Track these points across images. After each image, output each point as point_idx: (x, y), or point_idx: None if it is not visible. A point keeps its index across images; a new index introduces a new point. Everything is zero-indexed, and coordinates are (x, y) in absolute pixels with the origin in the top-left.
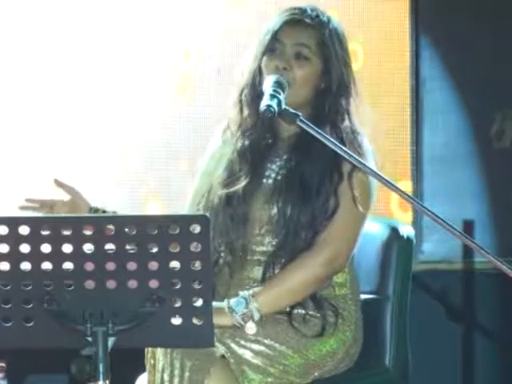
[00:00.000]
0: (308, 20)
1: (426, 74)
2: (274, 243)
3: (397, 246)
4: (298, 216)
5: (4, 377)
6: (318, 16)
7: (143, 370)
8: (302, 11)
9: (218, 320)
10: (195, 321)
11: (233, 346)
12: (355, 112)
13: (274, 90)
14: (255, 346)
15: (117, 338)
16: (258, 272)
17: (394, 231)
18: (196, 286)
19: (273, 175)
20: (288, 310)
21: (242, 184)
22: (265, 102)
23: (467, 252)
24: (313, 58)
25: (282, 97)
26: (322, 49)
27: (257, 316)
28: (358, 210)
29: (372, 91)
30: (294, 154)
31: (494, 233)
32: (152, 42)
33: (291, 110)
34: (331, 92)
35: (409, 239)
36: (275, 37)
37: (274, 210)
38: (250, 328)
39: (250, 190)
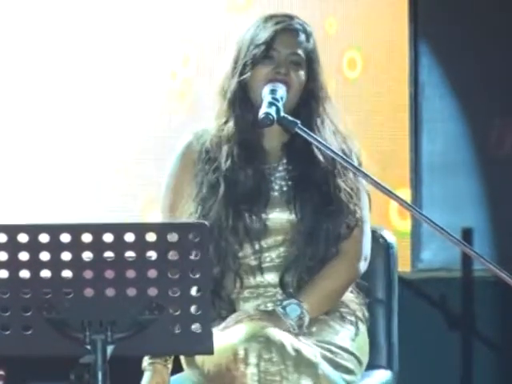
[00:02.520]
0: (298, 27)
1: (424, 81)
2: (291, 250)
3: (382, 251)
4: (317, 222)
5: None
6: (303, 24)
7: (141, 377)
8: (291, 18)
9: (275, 324)
10: (194, 328)
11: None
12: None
13: (273, 98)
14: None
15: (116, 346)
16: (273, 278)
17: (375, 235)
18: (195, 293)
19: (277, 187)
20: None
21: (247, 189)
22: (263, 109)
23: (466, 260)
24: (303, 65)
25: (280, 104)
26: (309, 56)
27: (307, 322)
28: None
29: (370, 98)
30: (290, 162)
31: (493, 241)
32: (151, 48)
33: (290, 118)
34: (316, 98)
35: (391, 243)
36: (270, 46)
37: (293, 218)
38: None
39: (261, 199)
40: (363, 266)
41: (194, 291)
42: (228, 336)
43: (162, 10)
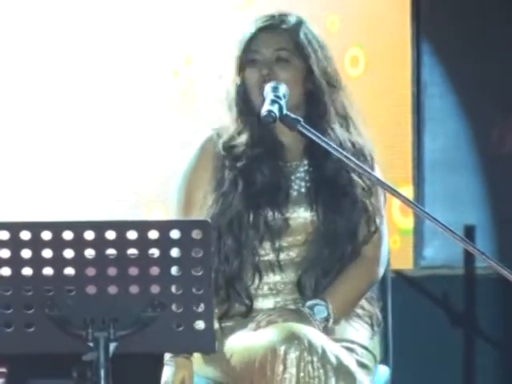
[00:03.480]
0: (280, 24)
1: (426, 79)
2: (311, 250)
3: None
4: (338, 220)
5: (5, 382)
6: (288, 19)
7: (144, 374)
8: (271, 17)
9: (301, 323)
10: (197, 326)
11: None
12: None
13: (275, 96)
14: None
15: (118, 344)
16: (291, 275)
17: None
18: (197, 291)
19: (296, 187)
20: None
21: (267, 188)
22: (266, 107)
23: (468, 257)
24: (293, 59)
25: (282, 102)
26: (300, 49)
27: (331, 323)
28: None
29: (373, 97)
30: (311, 164)
31: (495, 238)
32: (153, 46)
33: (292, 116)
34: (319, 91)
35: None
36: (250, 48)
37: (314, 218)
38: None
39: (281, 198)
40: (381, 270)
41: (197, 290)
42: (264, 335)
43: (165, 9)
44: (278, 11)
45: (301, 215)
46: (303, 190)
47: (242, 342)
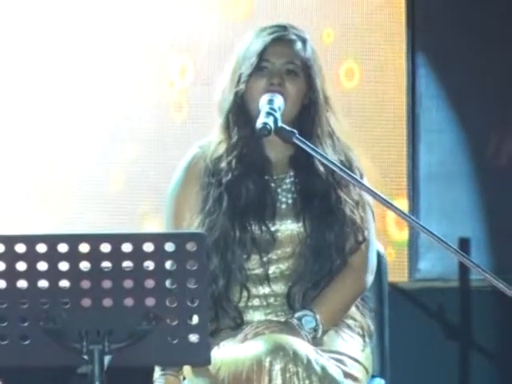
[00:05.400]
0: (292, 36)
1: (421, 92)
2: (300, 263)
3: None
4: (327, 235)
5: None
6: (298, 33)
7: None
8: (284, 28)
9: (289, 335)
10: (191, 339)
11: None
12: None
13: (271, 108)
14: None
15: (113, 357)
16: (281, 287)
17: None
18: (192, 303)
19: (284, 199)
20: None
21: (253, 201)
22: (261, 119)
23: (463, 270)
24: (300, 73)
25: (278, 114)
26: (306, 65)
27: (320, 333)
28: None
29: (368, 109)
30: (297, 174)
31: (490, 251)
32: (149, 58)
33: (287, 128)
34: (316, 107)
35: (381, 253)
36: (262, 57)
37: (302, 230)
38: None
39: (267, 211)
40: (370, 278)
41: (192, 302)
42: (251, 347)
43: (161, 20)
44: (286, 23)
45: (288, 227)
46: (290, 201)
47: (229, 354)
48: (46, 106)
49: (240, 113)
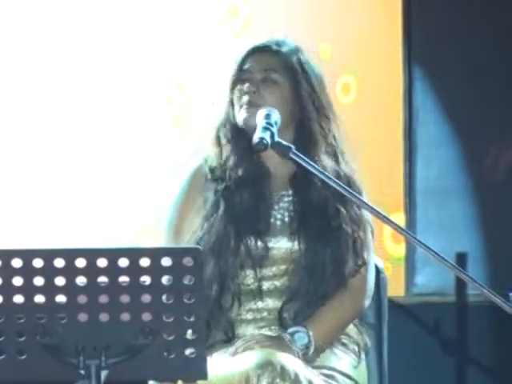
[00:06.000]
0: (273, 46)
1: (418, 106)
2: (294, 279)
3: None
4: (322, 256)
5: None
6: (284, 44)
7: None
8: (268, 40)
9: (282, 350)
10: (188, 353)
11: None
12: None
13: (267, 123)
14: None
15: (110, 371)
16: (275, 302)
17: None
18: (189, 318)
19: (279, 216)
20: None
21: (249, 215)
22: (258, 134)
23: (460, 285)
24: (282, 81)
25: (274, 129)
26: (291, 73)
27: (312, 350)
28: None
29: (365, 123)
30: (296, 195)
31: (487, 265)
32: (146, 73)
33: (284, 143)
34: (309, 118)
35: (380, 268)
36: (241, 68)
37: (296, 247)
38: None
39: (262, 225)
40: (367, 302)
41: (188, 317)
42: (240, 361)
43: (159, 36)
44: (276, 38)
45: (283, 246)
46: (286, 219)
47: (219, 369)
48: (45, 116)
49: (230, 127)
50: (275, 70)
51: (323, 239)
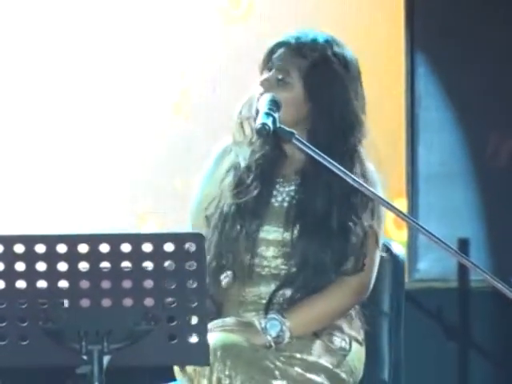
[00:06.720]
0: (300, 45)
1: (421, 91)
2: (288, 266)
3: (389, 263)
4: (316, 251)
5: None
6: (314, 40)
7: None
8: (297, 37)
9: (250, 338)
10: (191, 339)
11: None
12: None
13: (269, 108)
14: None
15: (112, 357)
16: (266, 289)
17: (386, 249)
18: (191, 304)
19: (280, 198)
20: None
21: (251, 195)
22: (260, 120)
23: (463, 270)
24: (294, 83)
25: (277, 115)
26: (306, 71)
27: (287, 339)
28: (379, 242)
29: (367, 109)
30: (303, 183)
31: (490, 251)
32: (148, 60)
33: (286, 129)
34: (321, 119)
35: (400, 256)
36: (270, 58)
37: (289, 237)
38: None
39: (260, 207)
40: (363, 298)
41: (191, 303)
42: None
43: (161, 23)
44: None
45: (277, 229)
46: (285, 204)
47: None
48: (47, 105)
49: (251, 110)
50: (289, 71)
51: (319, 236)
